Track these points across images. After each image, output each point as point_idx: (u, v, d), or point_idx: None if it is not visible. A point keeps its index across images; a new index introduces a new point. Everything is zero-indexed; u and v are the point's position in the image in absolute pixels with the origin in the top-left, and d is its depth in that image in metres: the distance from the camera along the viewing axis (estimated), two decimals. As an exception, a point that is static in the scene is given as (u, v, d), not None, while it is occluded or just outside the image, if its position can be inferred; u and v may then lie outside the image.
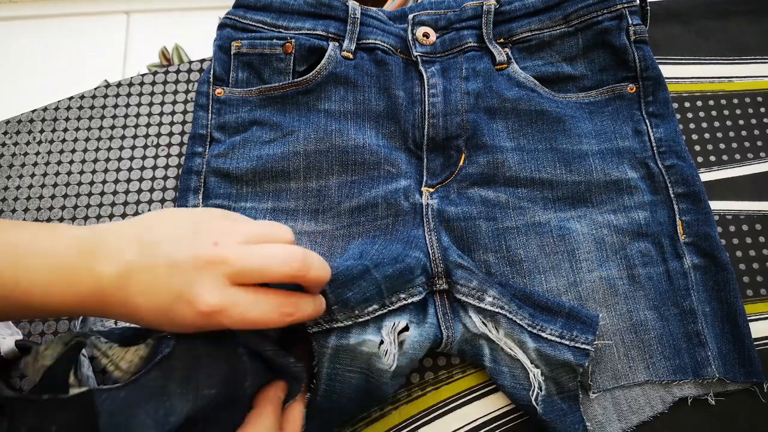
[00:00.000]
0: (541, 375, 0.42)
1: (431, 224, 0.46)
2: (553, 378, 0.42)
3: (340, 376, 0.39)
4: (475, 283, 0.43)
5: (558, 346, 0.42)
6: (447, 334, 0.43)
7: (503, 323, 0.42)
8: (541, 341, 0.42)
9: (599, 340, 0.44)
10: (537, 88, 0.51)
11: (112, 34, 1.29)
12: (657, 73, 0.50)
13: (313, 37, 0.52)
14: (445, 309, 0.43)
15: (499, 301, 0.43)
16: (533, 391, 0.41)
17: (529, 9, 0.52)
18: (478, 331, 0.42)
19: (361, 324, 0.40)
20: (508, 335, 0.42)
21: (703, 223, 0.46)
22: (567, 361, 0.41)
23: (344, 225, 0.47)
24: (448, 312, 0.43)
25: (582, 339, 0.42)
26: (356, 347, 0.39)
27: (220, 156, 0.49)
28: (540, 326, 0.42)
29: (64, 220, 0.51)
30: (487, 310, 0.43)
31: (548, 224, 0.47)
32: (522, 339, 0.42)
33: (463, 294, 0.43)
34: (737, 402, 0.43)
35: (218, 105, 0.51)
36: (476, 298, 0.43)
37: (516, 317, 0.42)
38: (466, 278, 0.43)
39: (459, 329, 0.43)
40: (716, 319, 0.44)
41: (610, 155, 0.49)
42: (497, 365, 0.43)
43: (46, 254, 0.30)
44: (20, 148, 0.54)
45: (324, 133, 0.49)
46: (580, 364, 0.41)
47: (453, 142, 0.49)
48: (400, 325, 0.41)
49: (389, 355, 0.40)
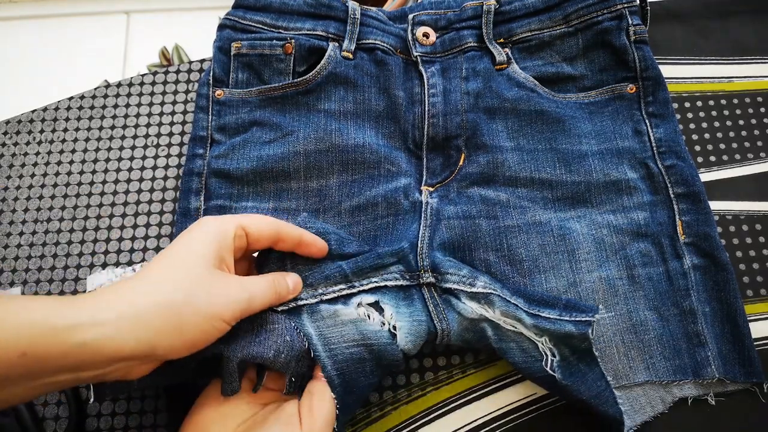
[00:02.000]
0: (549, 341, 0.41)
1: (428, 221, 0.46)
2: (562, 343, 0.41)
3: (342, 355, 0.39)
4: (465, 271, 0.43)
5: (557, 322, 0.41)
6: (441, 327, 0.42)
7: (497, 302, 0.42)
8: (539, 319, 0.41)
9: (599, 340, 0.44)
10: (537, 88, 0.51)
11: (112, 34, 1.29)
12: (657, 73, 0.50)
13: (313, 37, 0.52)
14: (436, 301, 0.43)
15: (490, 285, 0.42)
16: (546, 360, 0.41)
17: (529, 9, 0.52)
18: (476, 314, 0.42)
19: (328, 301, 0.41)
20: (505, 313, 0.41)
21: (703, 223, 0.46)
22: (569, 332, 0.40)
23: (345, 224, 0.47)
24: (439, 304, 0.43)
25: (582, 316, 0.41)
26: (335, 321, 0.40)
27: (220, 157, 0.49)
28: (537, 309, 0.42)
29: (64, 220, 0.51)
30: (479, 293, 0.42)
31: (548, 224, 0.47)
32: (518, 316, 0.41)
33: (453, 282, 0.43)
34: (737, 402, 0.43)
35: (218, 107, 0.51)
36: (467, 284, 0.43)
37: (510, 299, 0.42)
38: (456, 267, 0.43)
39: (454, 318, 0.42)
40: (716, 319, 0.44)
41: (609, 155, 0.49)
42: (504, 343, 0.42)
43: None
44: (20, 148, 0.54)
45: (324, 133, 0.49)
46: (583, 333, 0.40)
47: (453, 142, 0.49)
48: (367, 300, 0.41)
49: (370, 314, 0.40)
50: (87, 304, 0.30)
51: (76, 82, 1.07)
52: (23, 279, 0.49)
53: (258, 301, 0.36)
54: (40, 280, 0.49)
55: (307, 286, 0.41)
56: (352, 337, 0.39)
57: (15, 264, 0.50)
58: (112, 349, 0.29)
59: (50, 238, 0.51)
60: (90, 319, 0.29)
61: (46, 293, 0.49)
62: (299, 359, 0.38)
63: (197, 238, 0.35)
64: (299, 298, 0.40)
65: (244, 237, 0.38)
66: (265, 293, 0.37)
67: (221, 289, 0.34)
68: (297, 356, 0.38)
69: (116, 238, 0.51)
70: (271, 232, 0.39)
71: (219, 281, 0.34)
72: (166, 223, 0.51)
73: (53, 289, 0.49)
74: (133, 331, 0.30)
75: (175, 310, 0.31)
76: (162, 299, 0.31)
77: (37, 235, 0.51)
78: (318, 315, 0.40)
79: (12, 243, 0.51)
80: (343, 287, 0.41)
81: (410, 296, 0.43)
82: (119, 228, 0.51)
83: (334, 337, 0.39)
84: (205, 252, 0.35)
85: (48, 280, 0.49)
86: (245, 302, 0.35)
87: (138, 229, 0.51)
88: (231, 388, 0.37)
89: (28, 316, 0.28)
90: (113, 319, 0.30)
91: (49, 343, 0.28)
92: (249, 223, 0.38)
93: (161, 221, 0.51)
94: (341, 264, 0.42)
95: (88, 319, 0.29)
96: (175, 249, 0.35)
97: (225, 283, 0.35)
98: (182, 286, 0.32)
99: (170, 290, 0.32)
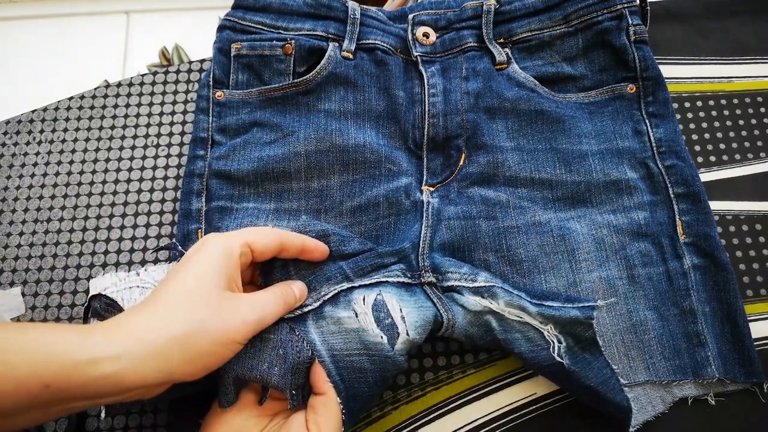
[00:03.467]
0: (555, 329, 0.41)
1: (430, 221, 0.46)
2: (566, 332, 0.41)
3: (344, 362, 0.39)
4: (465, 269, 0.43)
5: (561, 308, 0.41)
6: (447, 316, 0.42)
7: (501, 294, 0.42)
8: (543, 307, 0.41)
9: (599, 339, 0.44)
10: (537, 88, 0.51)
11: (112, 34, 1.28)
12: (657, 73, 0.50)
13: (313, 37, 0.52)
14: (439, 296, 0.43)
15: (491, 281, 0.43)
16: (553, 347, 0.41)
17: (529, 9, 0.52)
18: (480, 307, 0.42)
19: (331, 301, 0.41)
20: (509, 304, 0.42)
21: (703, 223, 0.46)
22: (574, 317, 0.41)
23: (346, 224, 0.47)
24: (442, 297, 0.43)
25: (584, 302, 0.41)
26: (338, 326, 0.40)
27: (221, 158, 0.49)
28: (540, 301, 0.42)
29: (64, 220, 0.51)
30: (481, 287, 0.42)
31: (548, 224, 0.47)
32: (523, 305, 0.41)
33: (454, 280, 0.43)
34: (737, 402, 0.43)
35: (218, 108, 0.51)
36: (469, 280, 0.43)
37: (513, 291, 0.42)
38: (456, 265, 0.44)
39: (459, 311, 0.42)
40: (716, 319, 0.44)
41: (609, 155, 0.49)
42: (509, 334, 0.42)
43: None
44: (20, 148, 0.54)
45: (324, 133, 0.49)
46: (588, 316, 0.40)
47: (453, 142, 0.49)
48: (370, 297, 0.41)
49: (369, 323, 0.40)
50: (106, 338, 0.31)
51: (76, 82, 1.07)
52: (23, 279, 0.49)
53: (269, 317, 0.37)
54: (40, 280, 0.49)
55: (311, 291, 0.41)
56: (355, 346, 0.39)
57: (15, 264, 0.50)
58: (132, 381, 0.30)
59: (50, 238, 0.51)
60: (110, 353, 0.30)
61: (46, 293, 0.49)
62: (295, 372, 0.38)
63: (204, 261, 0.36)
64: (304, 305, 0.41)
65: (249, 254, 0.38)
66: (274, 308, 0.37)
67: (233, 312, 0.34)
68: (292, 369, 0.38)
69: (116, 238, 0.51)
70: (275, 244, 0.39)
71: (230, 304, 0.35)
72: (166, 223, 0.51)
73: (53, 289, 0.49)
74: (153, 363, 0.31)
75: (191, 341, 0.32)
76: (178, 332, 0.32)
77: (37, 235, 0.51)
78: (323, 321, 0.40)
79: (12, 243, 0.51)
80: (344, 285, 0.41)
81: (413, 289, 0.43)
82: (119, 228, 0.51)
83: (337, 344, 0.39)
84: (213, 276, 0.35)
85: (48, 280, 0.49)
86: (256, 323, 0.36)
87: (138, 229, 0.51)
88: (227, 400, 0.38)
89: (49, 349, 0.29)
90: (132, 353, 0.30)
91: (71, 375, 0.29)
92: (254, 240, 0.38)
93: (161, 221, 0.51)
94: (342, 265, 0.42)
95: (108, 353, 0.30)
96: (183, 274, 0.35)
97: (236, 305, 0.35)
98: (196, 317, 0.33)
99: (185, 320, 0.33)
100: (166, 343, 0.31)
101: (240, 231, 0.39)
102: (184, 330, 0.32)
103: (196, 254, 0.36)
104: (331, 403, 0.37)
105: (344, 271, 0.42)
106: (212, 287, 0.34)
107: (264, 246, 0.38)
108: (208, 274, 0.35)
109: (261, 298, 0.37)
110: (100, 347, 0.30)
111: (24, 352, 0.28)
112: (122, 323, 0.32)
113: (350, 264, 0.42)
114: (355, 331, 0.40)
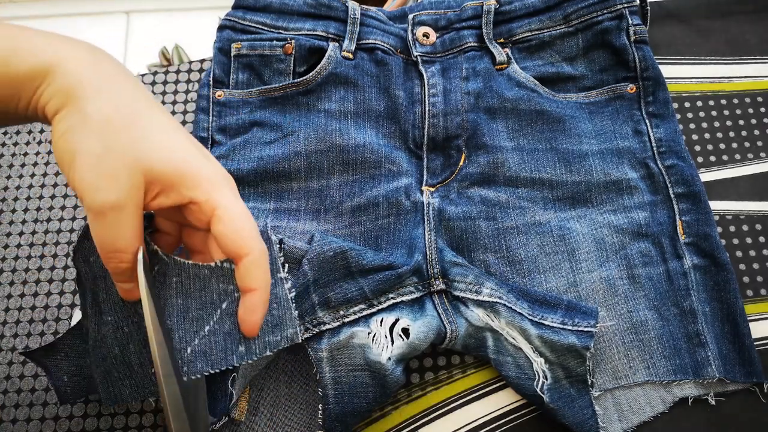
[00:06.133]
0: (545, 363, 0.42)
1: (431, 223, 0.46)
2: (560, 363, 0.42)
3: (345, 377, 0.40)
4: (471, 278, 0.44)
5: (561, 332, 0.42)
6: (451, 328, 0.43)
7: (503, 312, 0.42)
8: (543, 328, 0.42)
9: (599, 340, 0.44)
10: (537, 88, 0.51)
11: (112, 34, 1.29)
12: (657, 73, 0.50)
13: (313, 37, 0.52)
14: (446, 306, 0.44)
15: (496, 292, 0.43)
16: (538, 381, 0.41)
17: (529, 9, 0.52)
18: (482, 323, 0.43)
19: (349, 323, 0.42)
20: (510, 324, 0.42)
21: (703, 223, 0.46)
22: (572, 344, 0.41)
23: (346, 224, 0.47)
24: (448, 309, 0.44)
25: (584, 324, 0.42)
26: (348, 342, 0.40)
27: (221, 158, 0.49)
28: (540, 316, 0.42)
29: (64, 220, 0.51)
30: (485, 301, 0.43)
31: (548, 224, 0.47)
32: (523, 326, 0.42)
33: (460, 290, 0.44)
34: (737, 402, 0.43)
35: (219, 108, 0.51)
36: (474, 291, 0.43)
37: (515, 307, 0.43)
38: (462, 274, 0.44)
39: (462, 324, 0.43)
40: (716, 319, 0.44)
41: (610, 155, 0.49)
42: (501, 356, 0.43)
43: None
44: (20, 148, 0.54)
45: (324, 133, 0.49)
46: (586, 345, 0.41)
47: (453, 142, 0.49)
48: (388, 320, 0.41)
49: (378, 343, 0.40)
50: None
51: (76, 82, 1.07)
52: (23, 279, 0.49)
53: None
54: (40, 280, 0.49)
55: (330, 309, 0.41)
56: (358, 362, 0.40)
57: (15, 264, 0.50)
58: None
59: (50, 238, 0.51)
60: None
61: (45, 293, 0.49)
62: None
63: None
64: (323, 323, 0.41)
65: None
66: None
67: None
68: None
69: (116, 238, 0.51)
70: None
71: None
72: (166, 223, 0.51)
73: (53, 289, 0.49)
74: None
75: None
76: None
77: (37, 235, 0.51)
78: (336, 339, 0.41)
79: (12, 243, 0.51)
80: (363, 307, 0.42)
81: (422, 305, 0.44)
82: (119, 228, 0.51)
83: (342, 358, 0.40)
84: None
85: (48, 280, 0.49)
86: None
87: (138, 229, 0.51)
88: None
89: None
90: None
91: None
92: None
93: (161, 221, 0.51)
94: (362, 284, 0.42)
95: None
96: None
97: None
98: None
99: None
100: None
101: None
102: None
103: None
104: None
105: (363, 291, 0.42)
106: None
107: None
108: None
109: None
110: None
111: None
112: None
113: (370, 283, 0.42)
114: (360, 347, 0.40)
